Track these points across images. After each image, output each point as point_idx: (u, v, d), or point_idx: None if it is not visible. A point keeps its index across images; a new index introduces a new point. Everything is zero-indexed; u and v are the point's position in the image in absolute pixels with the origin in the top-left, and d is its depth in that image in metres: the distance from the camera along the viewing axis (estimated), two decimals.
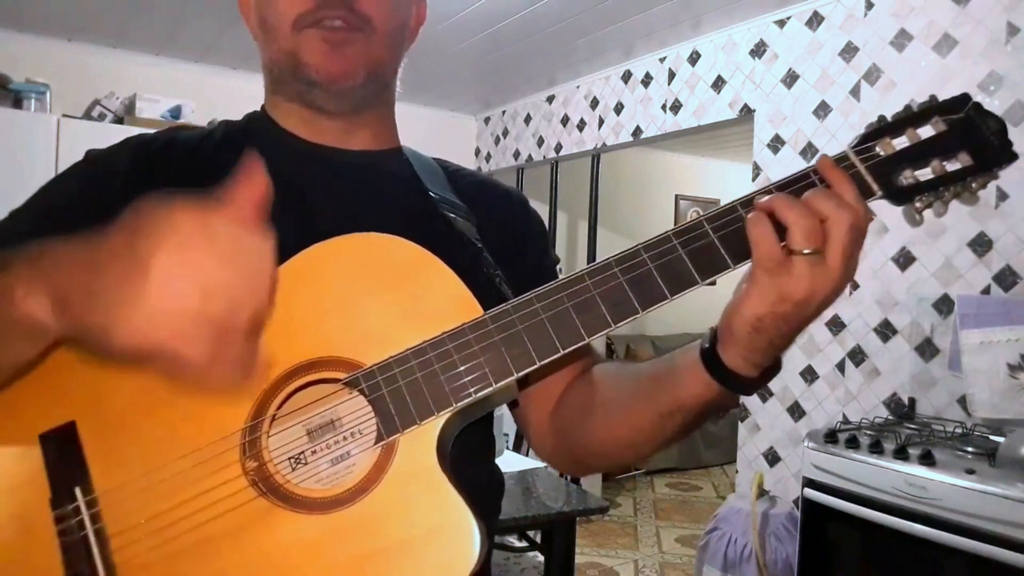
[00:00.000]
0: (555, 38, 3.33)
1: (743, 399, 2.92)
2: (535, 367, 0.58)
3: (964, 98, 0.57)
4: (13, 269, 0.49)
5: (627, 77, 3.68)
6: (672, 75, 3.41)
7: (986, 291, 2.16)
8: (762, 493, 2.50)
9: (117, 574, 0.56)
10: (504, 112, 4.67)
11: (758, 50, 2.98)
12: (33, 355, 0.54)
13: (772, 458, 2.82)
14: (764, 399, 2.86)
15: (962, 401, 2.14)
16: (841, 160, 0.57)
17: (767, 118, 2.91)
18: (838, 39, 2.65)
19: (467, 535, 0.54)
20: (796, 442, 2.69)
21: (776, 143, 2.87)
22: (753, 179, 2.97)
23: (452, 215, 0.75)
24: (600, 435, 0.70)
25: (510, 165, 4.60)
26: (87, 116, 3.44)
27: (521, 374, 0.58)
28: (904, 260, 2.38)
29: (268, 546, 0.54)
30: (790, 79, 2.83)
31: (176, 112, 3.54)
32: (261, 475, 0.58)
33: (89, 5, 3.13)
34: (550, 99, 4.22)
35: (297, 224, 0.69)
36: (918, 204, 0.58)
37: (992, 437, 1.90)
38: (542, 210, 4.43)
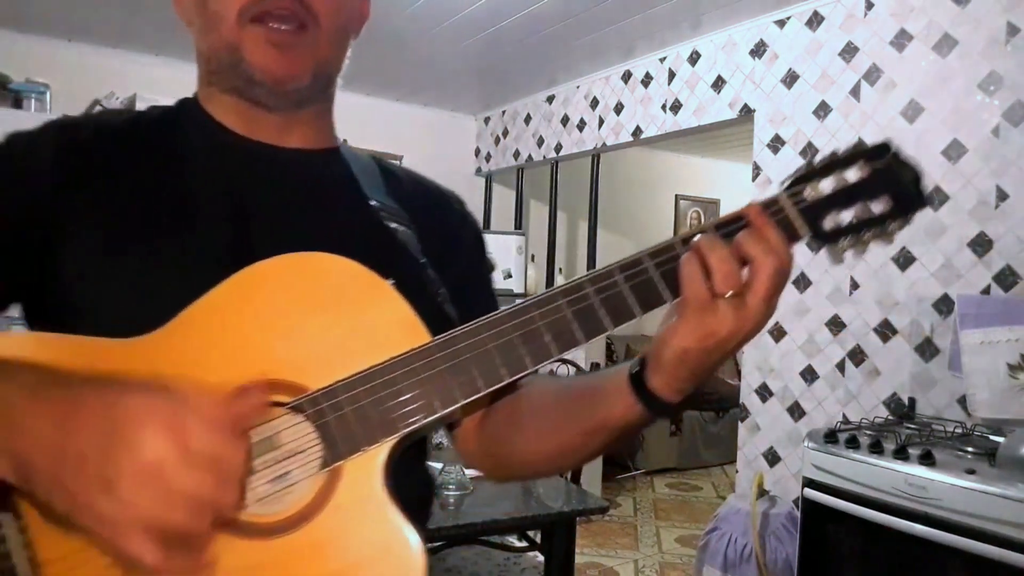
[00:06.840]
0: (555, 38, 3.33)
1: (743, 399, 2.93)
2: (481, 395, 0.59)
3: (885, 147, 0.61)
4: None
5: (627, 77, 3.68)
6: (672, 75, 3.41)
7: (986, 291, 2.16)
8: (762, 493, 2.50)
9: None
10: (504, 112, 4.66)
11: (758, 50, 2.98)
12: None
13: (772, 458, 2.82)
14: (764, 399, 2.86)
15: (962, 401, 2.14)
16: (773, 203, 0.60)
17: (767, 118, 2.91)
18: (838, 39, 2.65)
19: (413, 554, 0.56)
20: (796, 442, 2.68)
21: (776, 143, 2.87)
22: (753, 179, 2.97)
23: (394, 224, 0.75)
24: (525, 447, 0.73)
25: (510, 165, 4.59)
26: None
27: (466, 401, 0.59)
28: (904, 260, 2.38)
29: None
30: (790, 79, 2.83)
31: None
32: None
33: (89, 5, 3.13)
34: (550, 99, 4.22)
35: (232, 226, 0.68)
36: (841, 245, 0.61)
37: (992, 437, 1.91)
38: (542, 210, 4.44)
